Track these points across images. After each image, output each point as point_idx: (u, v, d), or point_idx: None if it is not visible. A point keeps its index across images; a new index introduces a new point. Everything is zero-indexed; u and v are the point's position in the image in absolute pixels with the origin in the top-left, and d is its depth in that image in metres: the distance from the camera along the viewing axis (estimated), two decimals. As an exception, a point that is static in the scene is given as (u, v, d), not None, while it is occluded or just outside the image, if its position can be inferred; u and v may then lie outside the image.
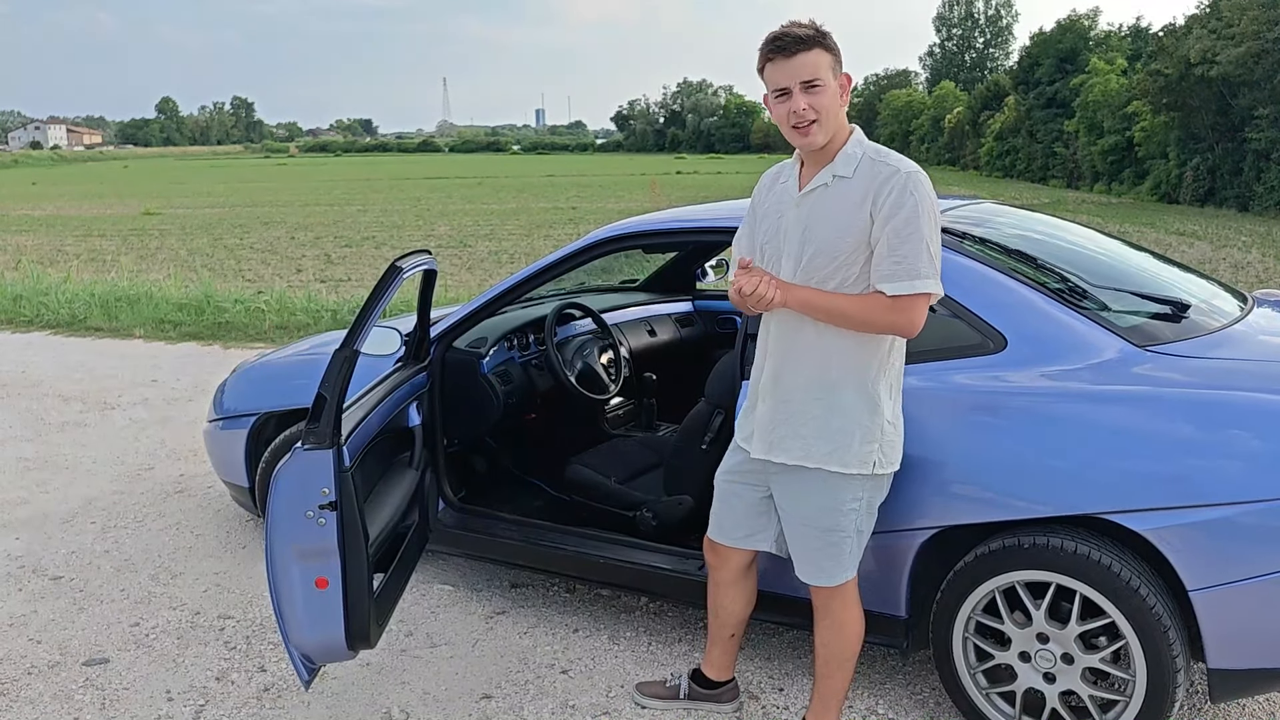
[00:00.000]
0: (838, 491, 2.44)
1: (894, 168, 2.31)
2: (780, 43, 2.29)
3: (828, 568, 2.52)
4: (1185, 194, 33.35)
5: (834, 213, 2.34)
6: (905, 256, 2.25)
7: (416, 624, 3.52)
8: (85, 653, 3.35)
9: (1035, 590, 2.60)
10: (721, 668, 2.92)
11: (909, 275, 2.25)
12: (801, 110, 2.29)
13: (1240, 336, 2.79)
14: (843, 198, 2.34)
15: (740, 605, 2.82)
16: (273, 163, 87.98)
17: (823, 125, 2.31)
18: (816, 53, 2.28)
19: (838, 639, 2.59)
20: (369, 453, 2.90)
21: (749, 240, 2.56)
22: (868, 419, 2.40)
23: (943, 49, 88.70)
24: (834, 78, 2.32)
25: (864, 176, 2.33)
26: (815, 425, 2.41)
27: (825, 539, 2.49)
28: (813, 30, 2.30)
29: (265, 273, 14.72)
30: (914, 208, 2.26)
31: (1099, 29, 50.49)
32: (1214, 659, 2.43)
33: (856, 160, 2.35)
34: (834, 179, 2.36)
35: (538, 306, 4.29)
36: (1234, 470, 2.34)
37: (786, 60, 2.28)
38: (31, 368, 7.65)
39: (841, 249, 2.32)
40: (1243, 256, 17.29)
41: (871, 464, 2.42)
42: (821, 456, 2.41)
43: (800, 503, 2.50)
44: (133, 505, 4.71)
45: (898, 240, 2.25)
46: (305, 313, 9.25)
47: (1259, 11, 29.29)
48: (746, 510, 2.65)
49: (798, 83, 2.28)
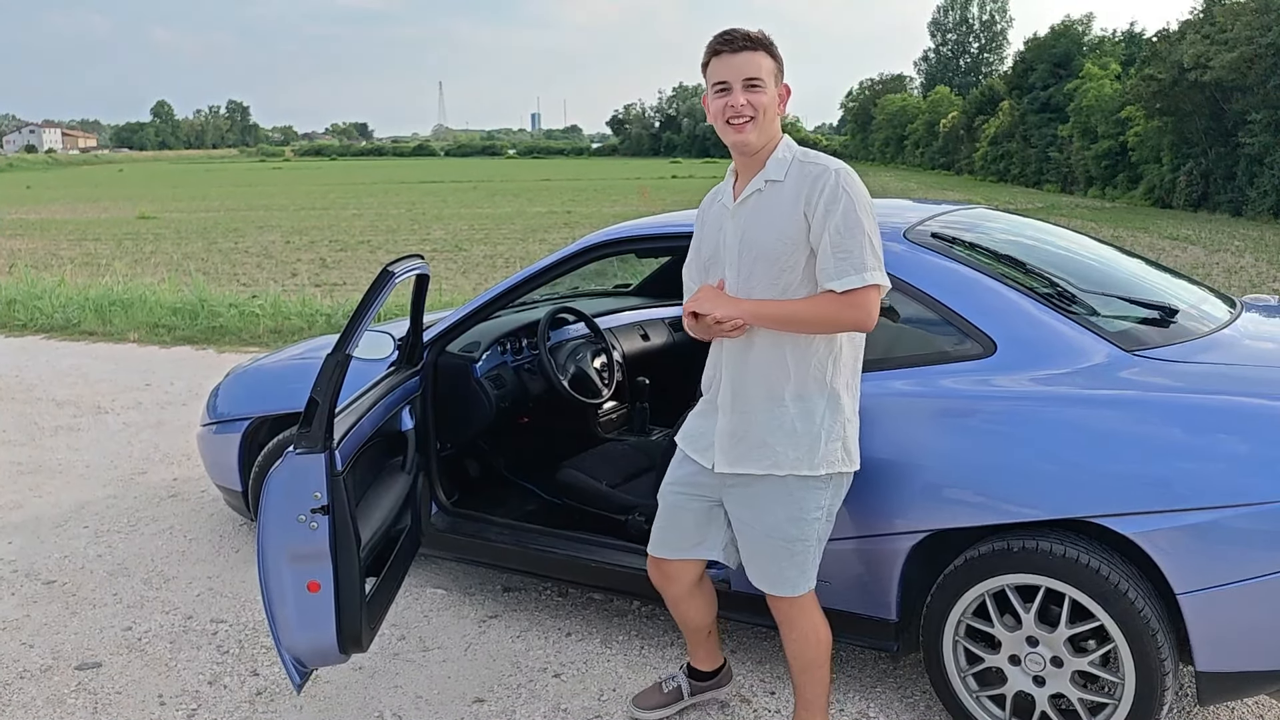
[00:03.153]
0: (803, 500, 2.44)
1: (823, 166, 2.36)
2: (728, 38, 2.37)
3: (791, 577, 2.50)
4: (1179, 199, 33.44)
5: (770, 218, 2.38)
6: (850, 252, 2.28)
7: (409, 628, 3.53)
8: (77, 657, 3.35)
9: (1025, 594, 2.61)
10: (711, 657, 2.93)
11: (856, 270, 2.28)
12: (740, 106, 2.34)
13: (1228, 341, 2.81)
14: (777, 202, 2.38)
15: (703, 612, 2.81)
16: (268, 166, 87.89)
17: (758, 125, 2.36)
18: (761, 55, 2.35)
19: (807, 647, 2.57)
20: (361, 457, 2.90)
21: (697, 266, 2.59)
22: (831, 419, 2.42)
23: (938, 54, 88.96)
24: (774, 84, 2.38)
25: (794, 178, 2.38)
26: (782, 434, 2.41)
27: (790, 549, 2.47)
28: (761, 35, 2.38)
29: (260, 276, 14.71)
30: (849, 204, 2.30)
31: (1093, 34, 50.67)
32: (1202, 662, 2.44)
33: (787, 164, 2.40)
34: (766, 184, 2.40)
35: (531, 311, 4.30)
36: (1221, 474, 2.35)
37: (732, 56, 2.35)
38: (25, 372, 7.65)
39: (781, 252, 2.36)
40: (1236, 261, 17.35)
41: (837, 462, 2.44)
42: (791, 463, 2.41)
43: (764, 513, 2.47)
44: (126, 509, 4.70)
45: (840, 238, 2.29)
46: (299, 317, 9.25)
47: (1252, 17, 29.41)
48: (695, 521, 2.62)
49: (740, 79, 2.34)
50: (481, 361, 3.74)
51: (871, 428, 2.72)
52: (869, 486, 2.71)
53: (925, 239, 2.95)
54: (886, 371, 2.79)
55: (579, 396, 3.99)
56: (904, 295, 2.82)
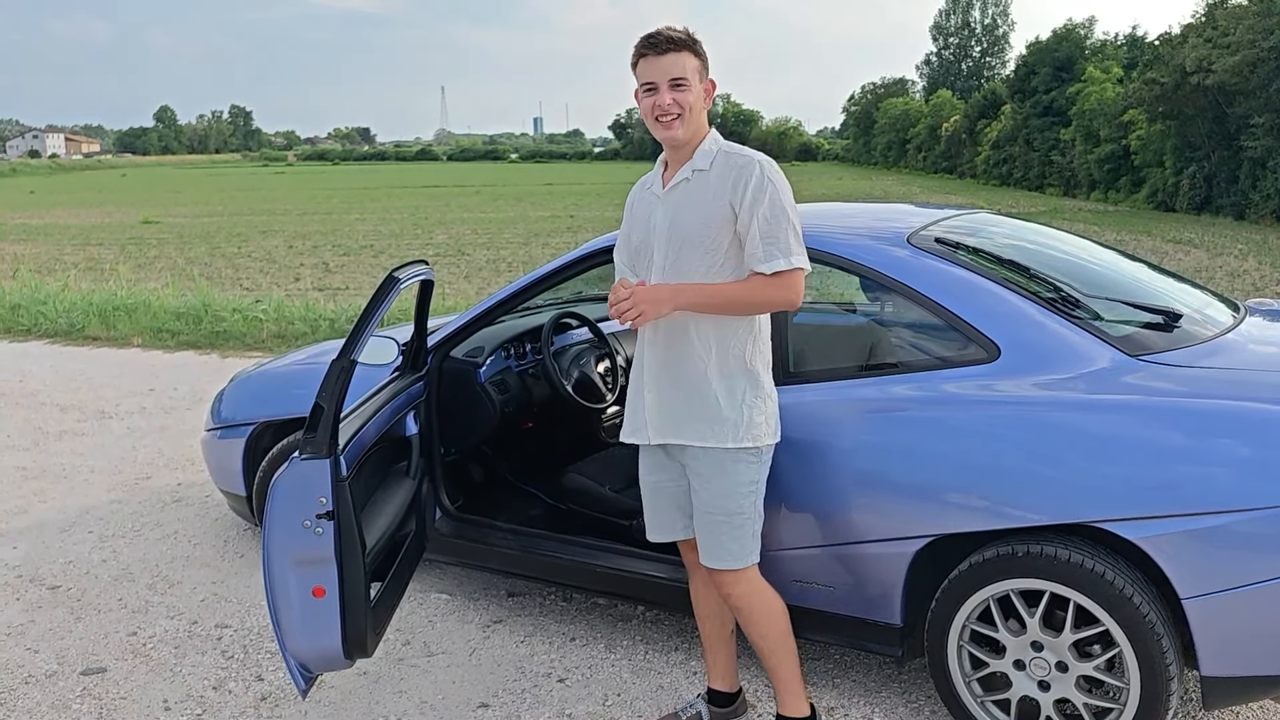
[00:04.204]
0: (736, 474, 2.55)
1: (749, 158, 2.50)
2: (653, 40, 2.48)
3: (734, 550, 2.59)
4: (1182, 202, 33.41)
5: (696, 204, 2.51)
6: (776, 238, 2.43)
7: (414, 633, 3.53)
8: (83, 662, 3.36)
9: (1029, 598, 2.61)
10: (730, 677, 2.91)
11: (784, 254, 2.43)
12: (667, 104, 2.46)
13: (1232, 345, 2.81)
14: (703, 189, 2.51)
15: (718, 606, 2.83)
16: (271, 171, 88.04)
17: (685, 121, 2.48)
18: (685, 55, 2.47)
19: (766, 623, 2.64)
20: (366, 462, 2.91)
21: (626, 251, 2.70)
22: (753, 395, 2.54)
23: (939, 57, 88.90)
24: (699, 81, 2.51)
25: (720, 168, 2.51)
26: (705, 409, 2.53)
27: (730, 522, 2.57)
28: (684, 35, 2.49)
29: (263, 281, 14.75)
30: (774, 194, 2.45)
31: (1095, 38, 50.63)
32: (1207, 666, 2.44)
33: (713, 155, 2.53)
34: (694, 173, 2.53)
35: (535, 316, 4.31)
36: (1226, 478, 2.36)
37: (657, 58, 2.47)
38: (29, 377, 7.66)
39: (706, 237, 2.49)
40: (1239, 264, 17.34)
41: (760, 435, 2.55)
42: (715, 435, 2.52)
43: (704, 487, 2.58)
44: (130, 514, 4.71)
45: (767, 225, 2.43)
46: (303, 321, 9.27)
47: (1254, 20, 29.40)
48: (672, 504, 2.72)
49: (666, 80, 2.46)
50: (485, 366, 3.75)
51: (876, 432, 2.72)
52: (873, 491, 2.72)
53: (929, 244, 2.95)
54: (890, 376, 2.79)
55: (583, 401, 4.00)
56: (908, 300, 2.82)
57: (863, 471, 2.73)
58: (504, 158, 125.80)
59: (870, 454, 2.71)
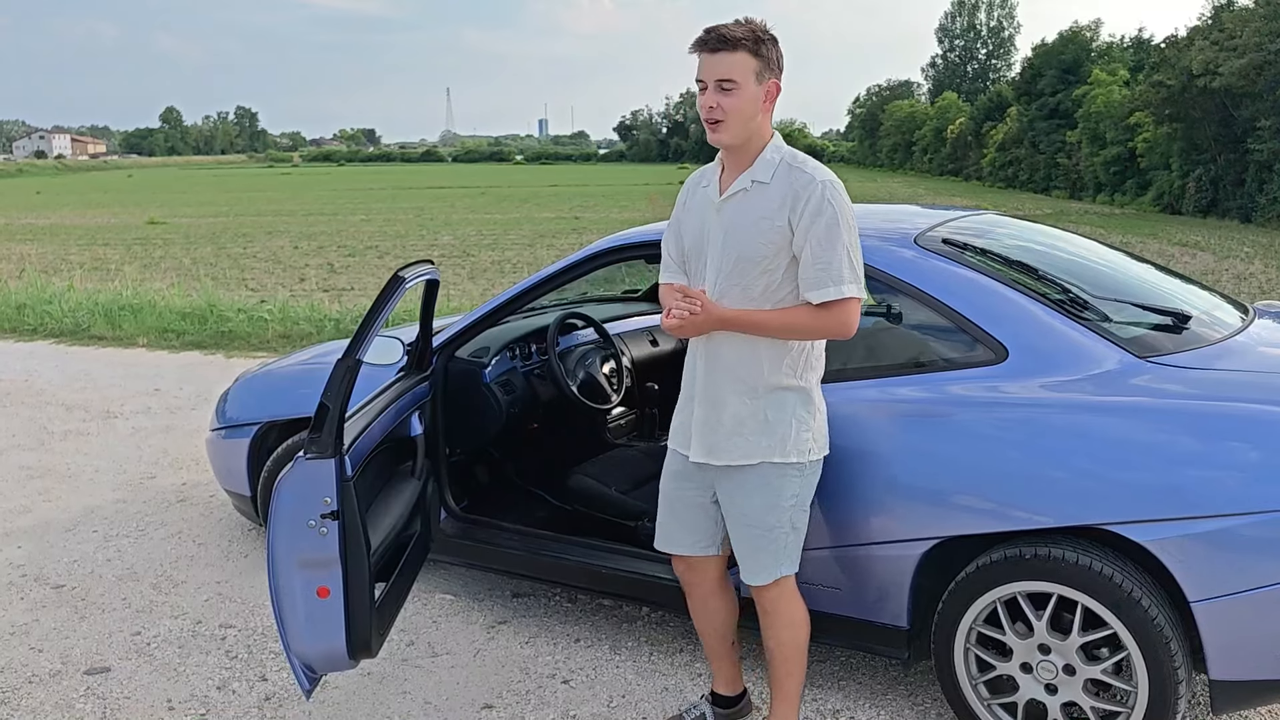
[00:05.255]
0: (779, 488, 2.49)
1: (810, 176, 2.37)
2: (706, 37, 2.34)
3: (768, 564, 2.55)
4: (1188, 205, 33.35)
5: (753, 218, 2.40)
6: (829, 264, 2.33)
7: (418, 633, 3.52)
8: (87, 661, 3.35)
9: (1037, 601, 2.59)
10: (734, 681, 2.89)
11: (835, 281, 2.33)
12: (711, 107, 2.34)
13: (1241, 348, 2.79)
14: (761, 204, 2.40)
15: (727, 614, 2.81)
16: (276, 172, 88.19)
17: (729, 126, 2.36)
18: (739, 55, 2.32)
19: (790, 634, 2.62)
20: (371, 462, 2.90)
21: (676, 246, 2.61)
22: (804, 411, 2.49)
23: (945, 60, 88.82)
24: (757, 83, 2.35)
25: (781, 183, 2.39)
26: (755, 424, 2.47)
27: (768, 536, 2.53)
28: (744, 33, 2.33)
29: (269, 282, 14.76)
30: (833, 216, 2.33)
31: (1101, 40, 50.64)
32: (1216, 670, 2.42)
33: (774, 166, 2.41)
34: (753, 184, 2.42)
35: (540, 316, 4.30)
36: (1235, 481, 2.34)
37: (709, 56, 2.34)
38: (35, 376, 7.67)
39: (764, 255, 2.39)
40: (1245, 267, 17.29)
41: (808, 451, 2.50)
42: (763, 451, 2.47)
43: (743, 501, 2.53)
44: (135, 514, 4.71)
45: (820, 249, 2.33)
46: (308, 322, 9.27)
47: (1261, 24, 29.35)
48: (696, 517, 2.65)
49: (713, 80, 2.34)
50: (491, 367, 3.74)
51: (882, 434, 2.71)
52: (880, 493, 2.71)
53: (936, 245, 2.94)
54: (897, 378, 2.78)
55: (588, 402, 3.99)
56: (915, 301, 2.81)
57: (869, 473, 2.71)
58: (509, 159, 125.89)
59: (876, 456, 2.70)
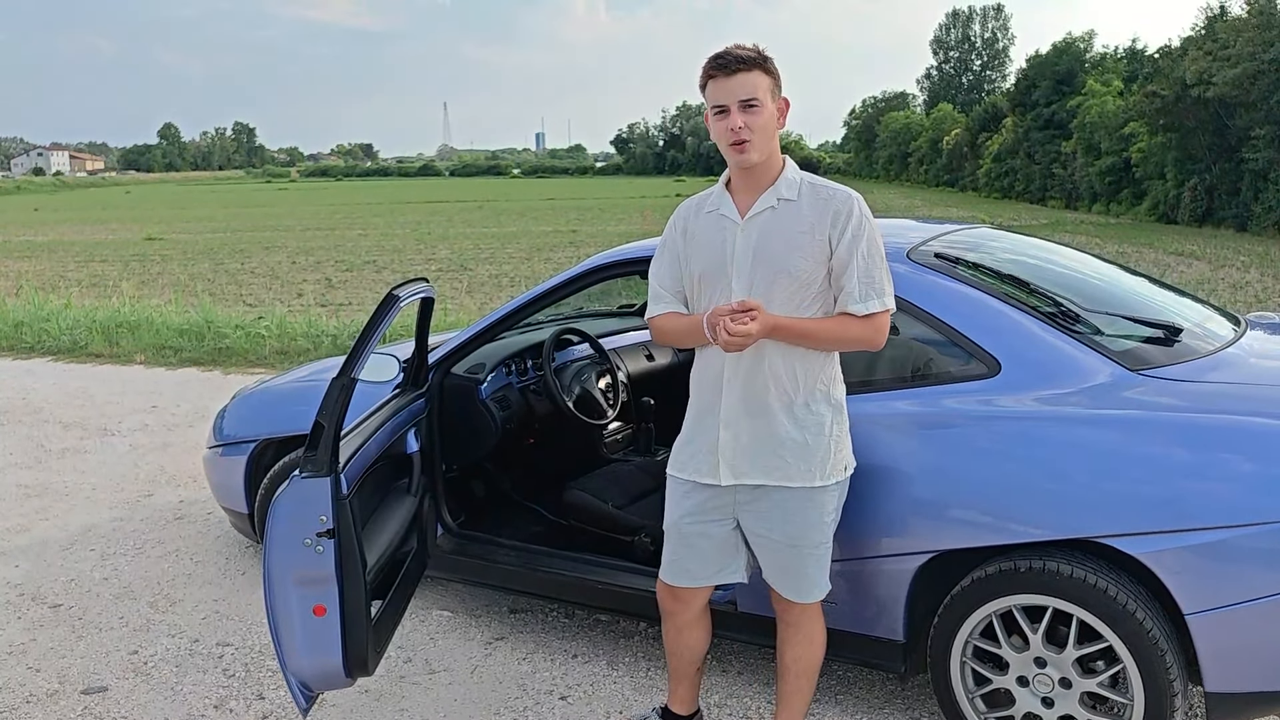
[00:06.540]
0: (822, 505, 2.49)
1: (844, 193, 2.44)
2: (721, 61, 2.38)
3: (817, 579, 2.56)
4: (1183, 214, 33.45)
5: (791, 233, 2.42)
6: (873, 278, 2.39)
7: (415, 650, 3.52)
8: (84, 681, 3.35)
9: (1032, 614, 2.60)
10: (691, 701, 2.86)
11: (878, 294, 2.40)
12: (738, 128, 2.36)
13: (1233, 360, 2.81)
14: (794, 220, 2.43)
15: (704, 641, 2.78)
16: (274, 187, 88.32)
17: (756, 145, 2.39)
18: (756, 74, 2.37)
19: (809, 652, 2.64)
20: (367, 479, 2.91)
21: (674, 278, 2.55)
22: (837, 428, 2.50)
23: (940, 71, 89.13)
24: (772, 100, 2.40)
25: (810, 201, 2.43)
26: (794, 444, 2.45)
27: (814, 554, 2.53)
28: (754, 53, 2.39)
29: (266, 297, 14.78)
30: (872, 233, 2.42)
31: (1095, 51, 50.83)
32: (1211, 683, 2.43)
33: (798, 185, 2.45)
34: (780, 202, 2.44)
35: (536, 332, 4.31)
36: (1229, 493, 2.35)
37: (727, 79, 2.37)
38: (32, 394, 7.67)
39: (804, 269, 2.41)
40: (1241, 276, 17.34)
41: (844, 469, 2.53)
42: (803, 475, 2.46)
43: (784, 523, 2.49)
44: (132, 532, 4.71)
45: (866, 265, 2.39)
46: (305, 337, 9.28)
47: (1254, 33, 29.51)
48: (716, 549, 2.59)
49: (736, 101, 2.36)
50: (487, 383, 3.75)
51: (877, 448, 2.72)
52: (875, 507, 2.71)
53: (929, 259, 2.96)
54: (891, 392, 2.79)
55: (584, 417, 4.00)
56: (908, 316, 2.82)
57: (864, 487, 2.71)
58: (506, 173, 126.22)
59: (871, 470, 2.71)
